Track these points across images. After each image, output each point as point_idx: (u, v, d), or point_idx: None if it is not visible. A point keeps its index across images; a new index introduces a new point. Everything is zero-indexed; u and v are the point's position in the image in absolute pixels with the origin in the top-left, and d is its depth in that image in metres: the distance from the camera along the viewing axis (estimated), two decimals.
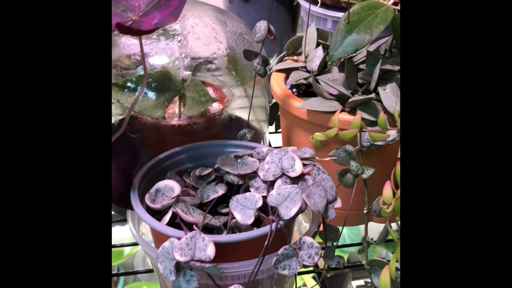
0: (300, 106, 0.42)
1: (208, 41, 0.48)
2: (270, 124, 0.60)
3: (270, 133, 0.65)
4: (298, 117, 0.44)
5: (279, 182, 0.34)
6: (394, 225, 0.39)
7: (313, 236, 0.39)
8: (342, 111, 0.43)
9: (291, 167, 0.34)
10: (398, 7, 0.47)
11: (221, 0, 0.77)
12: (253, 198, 0.32)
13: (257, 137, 0.58)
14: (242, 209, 0.32)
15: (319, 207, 0.34)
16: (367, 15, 0.43)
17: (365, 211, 0.40)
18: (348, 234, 1.00)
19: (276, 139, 0.69)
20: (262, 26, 0.40)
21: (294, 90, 0.50)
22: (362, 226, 0.42)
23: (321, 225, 0.39)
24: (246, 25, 0.54)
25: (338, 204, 0.37)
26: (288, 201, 0.31)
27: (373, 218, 0.49)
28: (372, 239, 0.42)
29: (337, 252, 0.41)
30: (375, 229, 0.48)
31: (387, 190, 0.33)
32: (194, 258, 0.29)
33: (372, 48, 0.51)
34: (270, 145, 0.62)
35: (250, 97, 0.63)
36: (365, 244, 0.41)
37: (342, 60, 0.52)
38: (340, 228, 0.41)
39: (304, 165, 0.37)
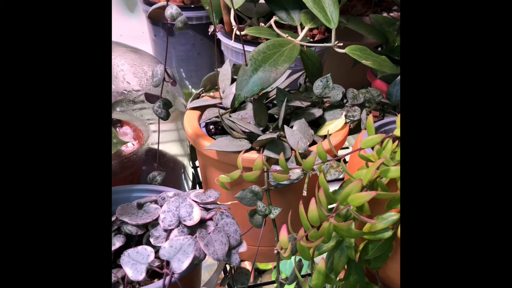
0: (207, 147, 0.41)
1: (116, 81, 0.47)
2: (194, 160, 0.59)
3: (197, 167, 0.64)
4: (209, 156, 0.43)
5: (175, 232, 0.33)
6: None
7: (223, 282, 0.39)
8: (252, 149, 0.42)
9: (188, 215, 0.33)
10: (307, 43, 0.48)
11: (147, 34, 0.76)
12: (145, 252, 0.31)
13: (179, 173, 0.57)
14: (134, 264, 0.30)
15: (218, 255, 0.33)
16: (273, 54, 0.44)
17: (275, 251, 0.40)
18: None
19: None
20: (158, 70, 0.39)
21: (212, 127, 0.50)
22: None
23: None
24: (159, 62, 0.53)
25: (243, 248, 0.36)
26: (181, 253, 0.30)
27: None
28: (286, 278, 0.41)
29: None
30: None
31: (283, 234, 0.33)
32: None
33: (287, 82, 0.52)
34: (195, 180, 0.61)
35: (178, 130, 0.62)
36: (278, 284, 0.40)
37: (261, 94, 0.52)
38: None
39: (208, 209, 0.37)
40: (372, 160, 0.38)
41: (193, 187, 0.60)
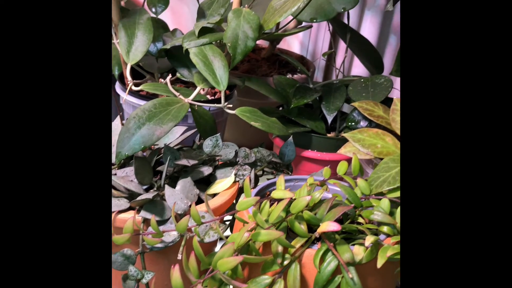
0: None
1: None
2: None
3: None
4: None
5: None
6: None
7: None
8: (132, 209, 0.41)
9: None
10: (198, 103, 0.48)
11: None
12: None
13: None
14: None
15: None
16: (159, 112, 0.44)
17: None
18: None
19: None
20: None
21: None
22: None
23: None
24: None
25: None
26: None
27: None
28: None
29: None
30: None
31: None
32: None
33: (181, 139, 0.52)
34: None
35: None
36: None
37: (154, 149, 0.51)
38: None
39: None
40: (247, 222, 0.38)
41: None
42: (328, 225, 0.35)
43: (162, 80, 0.59)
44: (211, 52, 0.47)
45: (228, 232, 0.50)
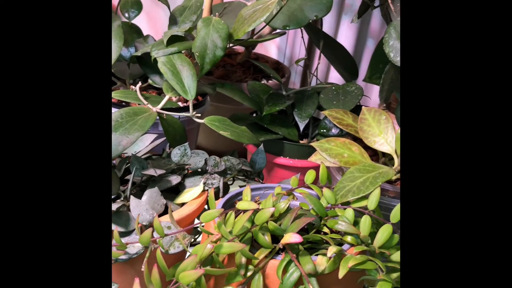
0: None
1: None
2: None
3: None
4: None
5: None
6: None
7: None
8: None
9: None
10: (166, 112, 0.48)
11: None
12: None
13: None
14: None
15: None
16: (126, 122, 0.43)
17: None
18: None
19: None
20: None
21: None
22: None
23: None
24: None
25: None
26: None
27: None
28: None
29: None
30: None
31: None
32: None
33: (151, 147, 0.51)
34: None
35: None
36: None
37: (124, 156, 0.51)
38: None
39: None
40: (211, 233, 0.38)
41: None
42: (291, 237, 0.35)
43: (133, 87, 0.58)
44: (179, 61, 0.47)
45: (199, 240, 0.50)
